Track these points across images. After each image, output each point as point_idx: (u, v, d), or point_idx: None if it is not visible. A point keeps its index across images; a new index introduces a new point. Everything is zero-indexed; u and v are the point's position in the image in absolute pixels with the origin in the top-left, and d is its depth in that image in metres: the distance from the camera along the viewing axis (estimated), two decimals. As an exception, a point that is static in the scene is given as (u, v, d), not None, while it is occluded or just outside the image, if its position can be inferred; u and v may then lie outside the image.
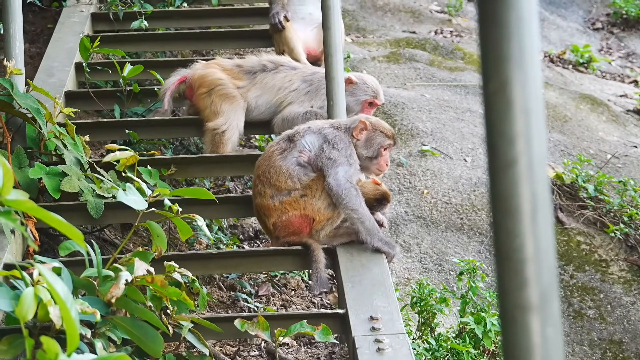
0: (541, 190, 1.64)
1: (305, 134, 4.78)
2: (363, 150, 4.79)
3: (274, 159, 4.76)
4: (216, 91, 5.71)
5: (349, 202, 4.58)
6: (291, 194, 4.69)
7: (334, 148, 4.69)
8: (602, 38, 10.61)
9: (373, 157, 4.81)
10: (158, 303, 3.79)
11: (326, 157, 4.66)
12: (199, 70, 5.82)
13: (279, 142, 4.84)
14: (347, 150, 4.71)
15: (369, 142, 4.81)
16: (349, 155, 4.70)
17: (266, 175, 4.75)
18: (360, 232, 4.61)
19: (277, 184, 4.71)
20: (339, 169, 4.64)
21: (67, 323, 2.67)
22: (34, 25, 7.72)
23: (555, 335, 1.64)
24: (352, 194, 4.58)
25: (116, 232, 5.74)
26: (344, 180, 4.61)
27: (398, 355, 3.88)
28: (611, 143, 7.49)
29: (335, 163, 4.65)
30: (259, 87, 5.78)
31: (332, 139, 4.73)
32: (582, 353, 5.67)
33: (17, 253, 4.61)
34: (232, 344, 4.96)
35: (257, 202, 4.81)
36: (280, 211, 4.71)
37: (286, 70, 5.80)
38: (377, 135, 4.82)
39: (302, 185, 4.69)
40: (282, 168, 4.71)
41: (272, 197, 4.72)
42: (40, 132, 5.05)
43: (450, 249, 6.07)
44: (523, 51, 1.64)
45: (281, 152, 4.76)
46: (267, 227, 4.84)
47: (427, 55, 8.57)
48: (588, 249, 6.25)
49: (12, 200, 2.73)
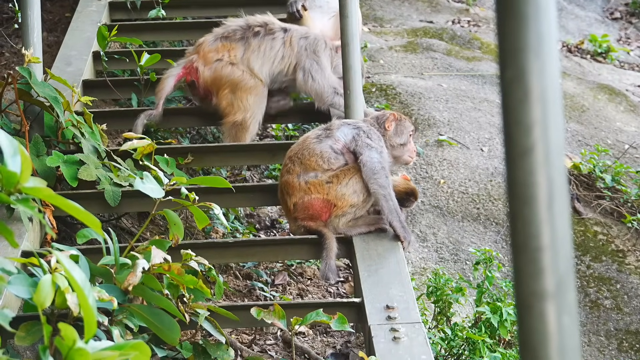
0: (558, 178, 1.64)
1: (341, 126, 4.94)
2: (396, 138, 5.02)
3: (308, 142, 4.89)
4: (240, 87, 5.67)
5: (380, 178, 4.74)
6: (318, 176, 4.77)
7: (369, 137, 4.88)
8: (621, 28, 10.55)
9: (405, 143, 5.02)
10: (175, 291, 3.80)
11: (362, 141, 4.85)
12: (207, 69, 5.76)
13: (315, 131, 4.98)
14: (379, 141, 4.91)
15: (400, 130, 5.04)
16: (381, 147, 4.90)
17: (298, 155, 4.86)
18: (382, 208, 4.71)
19: (307, 162, 4.81)
20: (373, 152, 4.82)
21: (85, 310, 2.68)
22: (52, 14, 7.74)
23: (571, 324, 1.64)
24: (383, 173, 4.77)
25: (133, 221, 5.76)
26: (377, 160, 4.79)
27: (414, 344, 3.88)
28: (629, 133, 7.46)
29: (370, 147, 4.84)
30: (259, 56, 5.76)
31: (367, 130, 4.92)
32: (598, 343, 5.66)
33: (35, 241, 4.63)
34: (248, 332, 4.97)
35: (283, 179, 4.87)
36: (303, 191, 4.77)
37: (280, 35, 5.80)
38: (404, 123, 5.07)
39: (331, 170, 4.78)
40: (316, 150, 4.84)
41: (298, 176, 4.80)
42: (58, 121, 5.07)
43: (467, 239, 6.07)
44: (541, 40, 1.63)
45: (317, 137, 4.90)
46: (287, 206, 4.87)
47: (444, 45, 8.54)
48: (605, 239, 6.23)
49: (30, 188, 2.75)
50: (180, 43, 7.42)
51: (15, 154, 2.72)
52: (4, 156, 2.70)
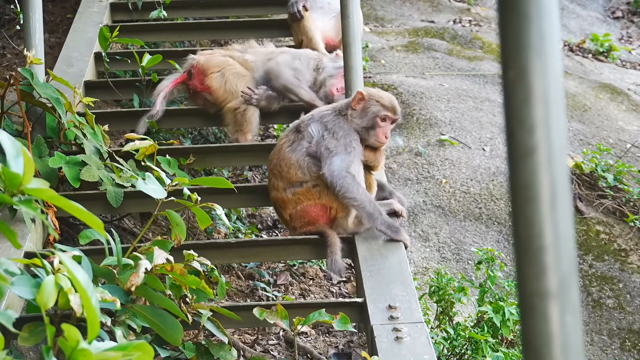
0: (560, 178, 1.64)
1: (310, 122, 4.77)
2: (358, 119, 4.72)
3: (283, 152, 4.77)
4: (228, 70, 5.76)
5: (345, 191, 4.55)
6: (303, 185, 4.71)
7: (333, 137, 4.66)
8: (623, 27, 10.55)
9: (369, 127, 4.71)
10: (177, 291, 3.80)
11: (324, 147, 4.65)
12: (203, 57, 5.88)
13: (288, 134, 4.85)
14: (346, 137, 4.67)
15: (364, 111, 4.73)
16: (347, 143, 4.65)
17: (277, 168, 4.77)
18: (362, 218, 4.62)
19: (288, 176, 4.73)
20: (334, 159, 4.60)
21: (88, 311, 2.69)
22: (54, 15, 7.75)
23: (574, 323, 1.64)
24: (347, 182, 4.55)
25: (135, 221, 5.77)
26: (338, 169, 4.57)
27: (416, 344, 3.88)
28: (631, 132, 7.46)
29: (332, 153, 4.62)
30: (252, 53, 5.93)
31: (331, 127, 4.70)
32: (601, 342, 5.66)
33: (38, 242, 4.64)
34: (250, 332, 4.98)
35: (272, 195, 4.83)
36: (294, 202, 4.73)
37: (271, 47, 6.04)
38: (372, 105, 4.73)
39: (314, 176, 4.70)
40: (292, 160, 4.72)
41: (285, 190, 4.74)
42: (60, 122, 5.07)
43: (469, 239, 6.07)
44: (543, 39, 1.63)
45: (290, 144, 4.77)
46: (284, 218, 4.87)
47: (445, 45, 8.54)
48: (607, 239, 6.23)
49: (32, 189, 2.75)
50: (181, 44, 7.42)
51: (17, 155, 2.72)
52: (7, 157, 2.71)
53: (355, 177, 4.59)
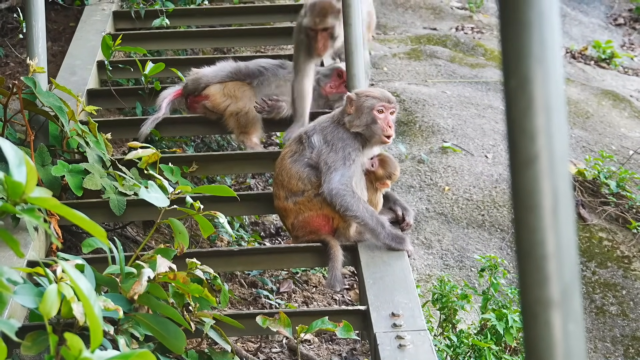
0: (562, 186, 1.64)
1: (313, 133, 4.76)
2: (356, 121, 4.67)
3: (285, 162, 4.79)
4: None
5: (345, 209, 4.54)
6: (304, 194, 4.71)
7: (332, 149, 4.64)
8: (624, 34, 10.55)
9: (369, 123, 4.65)
10: (180, 300, 3.80)
11: (323, 162, 4.64)
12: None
13: (291, 144, 4.85)
14: (345, 149, 4.64)
15: (359, 110, 4.67)
16: (346, 155, 4.62)
17: (279, 178, 4.79)
18: (364, 231, 4.63)
19: (289, 186, 4.75)
20: (332, 175, 4.58)
21: (91, 320, 2.69)
22: (56, 24, 7.76)
23: (576, 331, 1.64)
24: (346, 200, 4.53)
25: (138, 230, 5.77)
26: (337, 187, 4.55)
27: (419, 352, 3.88)
28: (633, 139, 7.45)
29: (330, 169, 4.60)
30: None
31: (330, 139, 4.68)
32: (604, 349, 5.65)
33: (41, 250, 4.64)
34: (253, 340, 4.97)
35: (275, 204, 4.86)
36: (296, 212, 4.74)
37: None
38: (364, 101, 4.68)
39: (314, 185, 4.71)
40: (292, 171, 4.73)
41: (286, 199, 4.75)
42: (62, 130, 5.08)
43: (472, 246, 6.06)
44: (544, 47, 1.64)
45: (292, 155, 4.78)
46: (287, 227, 4.91)
47: (448, 52, 8.55)
48: (610, 246, 6.22)
49: (35, 198, 2.75)
50: (184, 52, 7.43)
51: (20, 164, 2.72)
52: (10, 166, 2.71)
53: (355, 193, 4.57)
